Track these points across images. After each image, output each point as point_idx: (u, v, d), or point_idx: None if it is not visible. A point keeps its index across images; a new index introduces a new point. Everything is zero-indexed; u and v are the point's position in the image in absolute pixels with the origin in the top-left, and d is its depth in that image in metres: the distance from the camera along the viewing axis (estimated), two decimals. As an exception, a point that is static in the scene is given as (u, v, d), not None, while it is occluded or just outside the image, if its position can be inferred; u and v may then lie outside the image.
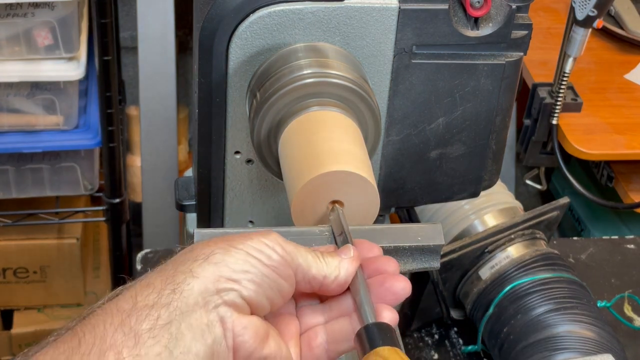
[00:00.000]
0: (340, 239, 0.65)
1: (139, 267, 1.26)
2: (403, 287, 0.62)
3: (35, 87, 1.57)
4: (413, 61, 0.78)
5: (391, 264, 0.64)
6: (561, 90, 1.48)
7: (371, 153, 0.76)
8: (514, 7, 0.77)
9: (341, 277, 0.62)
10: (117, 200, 1.69)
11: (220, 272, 0.57)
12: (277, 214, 0.86)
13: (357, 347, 0.60)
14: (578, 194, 1.53)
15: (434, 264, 0.70)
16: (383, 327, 0.59)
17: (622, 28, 1.77)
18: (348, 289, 0.63)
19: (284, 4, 0.74)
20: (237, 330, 0.57)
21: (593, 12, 1.35)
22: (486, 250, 1.11)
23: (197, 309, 0.56)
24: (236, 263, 0.58)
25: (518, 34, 0.79)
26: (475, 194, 0.88)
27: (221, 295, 0.57)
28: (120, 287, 0.59)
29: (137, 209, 1.93)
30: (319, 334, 0.63)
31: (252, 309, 0.59)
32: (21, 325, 1.91)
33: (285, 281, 0.60)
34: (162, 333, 0.55)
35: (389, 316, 0.61)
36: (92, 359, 0.53)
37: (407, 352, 0.86)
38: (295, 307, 0.64)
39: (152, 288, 0.56)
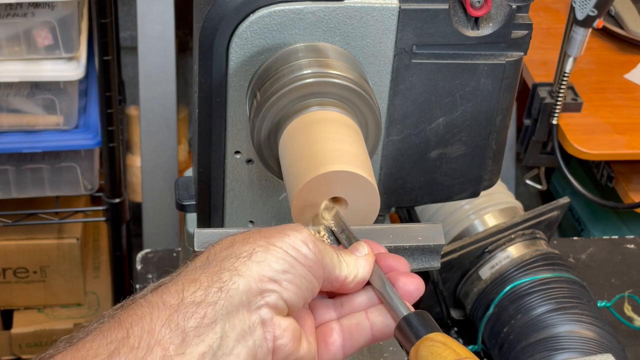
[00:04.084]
0: (343, 236, 0.65)
1: (139, 267, 1.26)
2: (417, 288, 0.62)
3: (35, 87, 1.57)
4: (413, 61, 0.78)
5: (402, 263, 0.64)
6: (561, 90, 1.48)
7: (371, 153, 0.76)
8: (514, 7, 0.77)
9: (360, 276, 0.62)
10: (117, 200, 1.69)
11: (263, 272, 0.57)
12: (277, 214, 0.86)
13: (401, 338, 0.59)
14: (578, 194, 1.53)
15: (435, 263, 0.70)
16: (424, 316, 0.59)
17: (622, 28, 1.77)
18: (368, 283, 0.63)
19: (284, 4, 0.74)
20: (277, 333, 0.58)
21: (593, 12, 1.35)
22: (486, 250, 1.11)
23: (241, 308, 0.56)
24: (277, 262, 0.58)
25: (518, 33, 0.79)
26: (475, 194, 0.88)
27: (263, 296, 0.57)
28: (163, 279, 0.59)
29: (137, 209, 1.93)
30: (334, 330, 0.63)
31: (289, 310, 0.59)
32: (21, 325, 1.91)
33: (317, 280, 0.60)
34: (207, 332, 0.55)
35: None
36: (140, 353, 0.53)
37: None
38: None
39: (198, 284, 0.56)
